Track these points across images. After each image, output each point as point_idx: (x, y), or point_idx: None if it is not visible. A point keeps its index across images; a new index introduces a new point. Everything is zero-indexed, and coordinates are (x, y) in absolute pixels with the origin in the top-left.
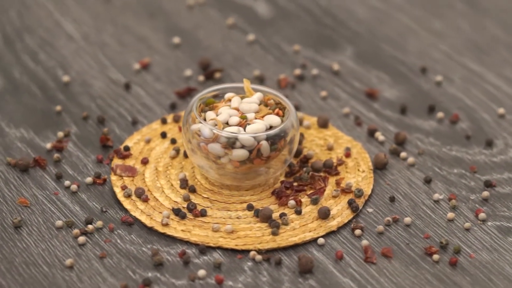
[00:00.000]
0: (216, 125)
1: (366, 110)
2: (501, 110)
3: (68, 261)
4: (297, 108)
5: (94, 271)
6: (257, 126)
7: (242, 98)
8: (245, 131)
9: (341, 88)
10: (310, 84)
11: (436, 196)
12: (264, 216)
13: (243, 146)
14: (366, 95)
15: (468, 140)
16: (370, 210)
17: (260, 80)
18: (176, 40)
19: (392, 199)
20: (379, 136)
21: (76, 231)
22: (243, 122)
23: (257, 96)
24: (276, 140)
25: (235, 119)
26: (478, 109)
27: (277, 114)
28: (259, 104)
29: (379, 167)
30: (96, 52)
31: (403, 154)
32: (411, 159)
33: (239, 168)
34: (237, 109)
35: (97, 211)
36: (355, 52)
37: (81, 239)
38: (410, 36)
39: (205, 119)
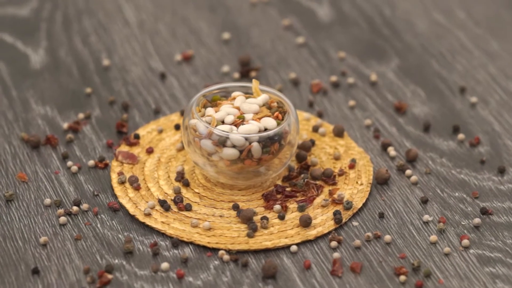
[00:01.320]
0: (210, 122)
1: (389, 123)
2: None
3: (42, 239)
4: (320, 115)
5: (65, 251)
6: (250, 127)
7: (247, 98)
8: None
9: (372, 99)
10: (343, 92)
11: (426, 217)
12: (244, 217)
13: (234, 146)
14: (395, 108)
15: (481, 165)
16: (355, 223)
17: (294, 83)
18: (226, 35)
19: (381, 215)
20: (391, 151)
21: (60, 211)
22: (238, 122)
23: (263, 97)
24: (268, 143)
25: (231, 118)
26: (503, 135)
27: (276, 118)
28: (262, 106)
29: (380, 182)
30: (145, 40)
31: (408, 171)
32: (414, 178)
33: (230, 167)
34: (238, 109)
35: (89, 194)
36: (400, 65)
37: (62, 219)
38: (462, 54)
39: (204, 115)
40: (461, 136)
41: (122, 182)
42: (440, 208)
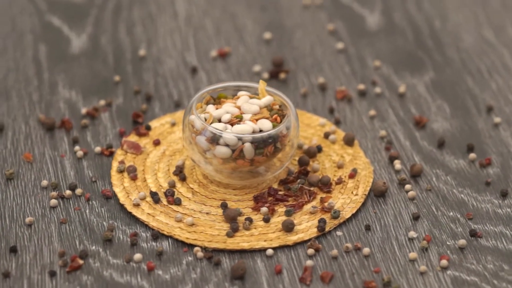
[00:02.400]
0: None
1: (404, 136)
2: None
3: (28, 219)
4: (338, 122)
5: (47, 233)
6: (243, 127)
7: (251, 98)
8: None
9: (395, 110)
10: (367, 101)
11: (412, 234)
12: (227, 217)
13: (227, 145)
14: (414, 122)
15: (486, 186)
16: (339, 233)
17: (321, 88)
18: (267, 35)
19: (368, 228)
20: (397, 164)
21: (53, 193)
22: (235, 121)
23: (266, 99)
24: (261, 144)
25: (227, 117)
26: None
27: (275, 120)
28: (264, 107)
29: (376, 194)
30: (188, 34)
31: (407, 186)
32: (412, 193)
33: (223, 166)
34: (239, 108)
35: (88, 179)
36: (433, 78)
37: (53, 202)
38: (500, 73)
39: (204, 112)
40: (472, 155)
41: (121, 171)
42: (429, 226)
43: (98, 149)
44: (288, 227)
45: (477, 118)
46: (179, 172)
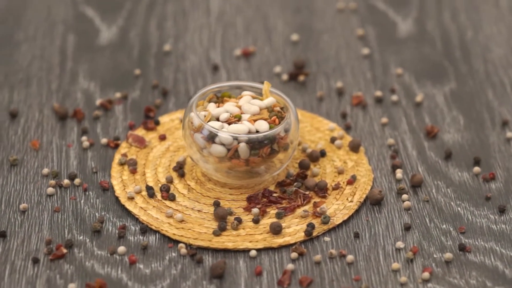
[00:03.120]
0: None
1: (412, 146)
2: None
3: (22, 206)
4: (348, 127)
5: (39, 221)
6: (239, 127)
7: (254, 98)
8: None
9: (408, 119)
10: (382, 108)
11: (399, 244)
12: (217, 215)
13: (223, 144)
14: (426, 132)
15: (485, 201)
16: (327, 239)
17: (339, 93)
18: (295, 37)
19: (356, 235)
20: (398, 173)
21: (51, 182)
22: (232, 120)
23: (268, 100)
24: (256, 145)
25: (225, 115)
26: None
27: (273, 122)
28: (265, 109)
29: (372, 202)
30: (217, 32)
31: (404, 196)
32: (407, 203)
33: (219, 165)
34: (240, 108)
35: (89, 170)
36: (454, 89)
37: (50, 190)
38: None
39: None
40: (476, 169)
41: (121, 164)
42: (420, 237)
43: (104, 140)
44: (275, 230)
45: (490, 131)
46: (179, 168)
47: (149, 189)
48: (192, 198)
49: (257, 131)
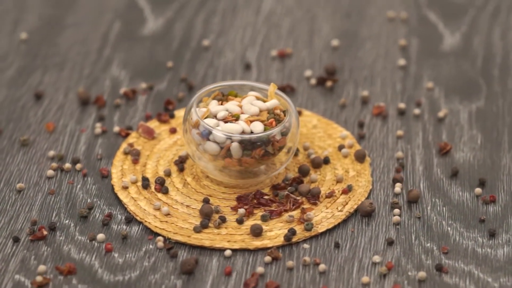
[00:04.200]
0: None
1: (420, 161)
2: None
3: (18, 185)
4: (361, 137)
5: (31, 201)
6: (233, 127)
7: (257, 99)
8: None
9: (425, 134)
10: (402, 121)
11: (376, 258)
12: (201, 212)
13: (216, 141)
14: (439, 148)
15: (478, 223)
16: (306, 246)
17: (363, 102)
18: (335, 42)
19: (337, 245)
20: (397, 187)
21: (53, 164)
22: (229, 119)
23: (271, 102)
24: (249, 146)
25: (222, 114)
26: None
27: (270, 124)
28: (265, 110)
29: (362, 214)
30: (260, 31)
31: (396, 210)
32: (396, 218)
33: (214, 163)
34: (241, 107)
35: (94, 156)
36: (480, 108)
37: (50, 172)
38: None
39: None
40: (478, 190)
41: (126, 153)
42: (400, 253)
43: (116, 129)
44: (255, 232)
45: (505, 153)
46: (180, 162)
47: (144, 180)
48: (185, 193)
49: (252, 132)
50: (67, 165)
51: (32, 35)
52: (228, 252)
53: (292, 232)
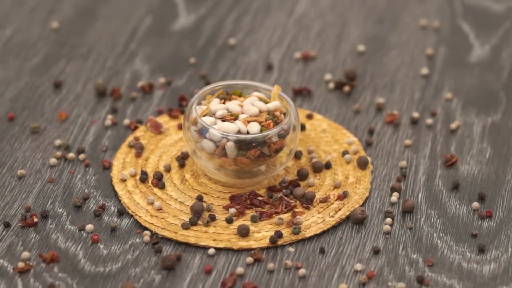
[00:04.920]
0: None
1: (423, 171)
2: None
3: (19, 172)
4: (369, 144)
5: (29, 188)
6: (229, 126)
7: (260, 100)
8: None
9: (434, 144)
10: (413, 130)
11: (358, 266)
12: (192, 209)
13: (212, 140)
14: (444, 159)
15: (470, 238)
16: (291, 249)
17: (378, 109)
18: (361, 47)
19: (322, 251)
20: (394, 196)
21: (57, 153)
22: (227, 118)
23: (272, 104)
24: (244, 146)
25: (221, 112)
26: None
27: (267, 126)
28: (265, 111)
29: (353, 221)
30: (289, 32)
31: (388, 220)
32: (387, 227)
33: (211, 161)
34: (242, 107)
35: (100, 148)
36: (495, 121)
37: (52, 161)
38: None
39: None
40: (475, 204)
41: (130, 146)
42: (384, 263)
43: (126, 121)
44: (241, 232)
45: (511, 169)
46: (181, 158)
47: (143, 174)
48: (181, 190)
49: (248, 133)
50: (71, 154)
51: (63, 25)
52: (211, 251)
53: (278, 234)
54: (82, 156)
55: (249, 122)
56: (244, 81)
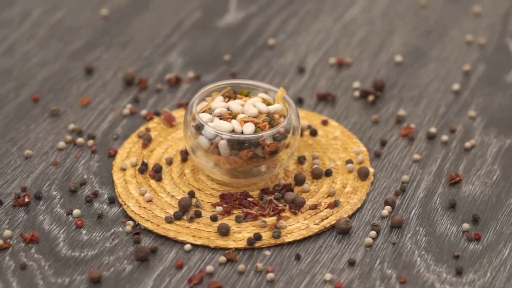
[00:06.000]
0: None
1: (424, 187)
2: None
3: (26, 152)
4: (377, 155)
5: (32, 169)
6: (222, 124)
7: (263, 101)
8: None
9: (443, 162)
10: (427, 145)
11: (328, 275)
12: (179, 204)
13: (206, 137)
14: (449, 178)
15: (451, 259)
16: (267, 253)
17: (397, 121)
18: (399, 58)
19: (298, 257)
20: (385, 210)
21: (68, 137)
22: (225, 116)
23: (273, 107)
24: (236, 146)
25: (219, 110)
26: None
27: (263, 128)
28: (265, 113)
29: (338, 231)
30: (331, 37)
31: (372, 233)
32: (368, 240)
33: (206, 157)
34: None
35: (112, 135)
36: None
37: (61, 144)
38: None
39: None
40: (466, 225)
41: (139, 136)
42: (356, 275)
43: (143, 112)
44: (221, 231)
45: None
46: (185, 153)
47: (143, 165)
48: (177, 184)
49: (242, 133)
50: (80, 139)
51: (113, 13)
52: (187, 246)
53: (256, 237)
54: (90, 142)
55: (245, 122)
56: (253, 81)
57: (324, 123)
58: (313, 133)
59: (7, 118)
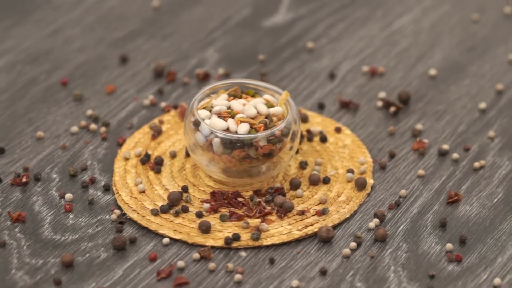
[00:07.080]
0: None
1: (420, 204)
2: None
3: (38, 133)
4: (382, 167)
5: (40, 150)
6: (217, 122)
7: (266, 103)
8: None
9: (448, 180)
10: (436, 161)
11: (295, 282)
12: (168, 197)
13: (202, 133)
14: (448, 196)
15: (426, 278)
16: (243, 254)
17: (412, 134)
18: (433, 72)
19: (272, 261)
20: (372, 223)
21: (82, 122)
22: (223, 115)
23: (274, 109)
24: (228, 145)
25: (218, 108)
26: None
27: (259, 129)
28: (264, 115)
29: (319, 239)
30: (374, 45)
31: (352, 244)
32: (346, 251)
33: (203, 155)
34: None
35: (127, 124)
36: None
37: (74, 129)
38: None
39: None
40: (449, 246)
41: (151, 128)
42: (324, 285)
43: (163, 104)
44: (202, 228)
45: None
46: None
47: (145, 156)
48: (174, 177)
49: (236, 133)
50: (93, 126)
51: (164, 4)
52: (166, 240)
53: (234, 237)
54: (103, 129)
55: (242, 122)
56: (261, 82)
57: (337, 130)
58: (323, 139)
59: (32, 99)
